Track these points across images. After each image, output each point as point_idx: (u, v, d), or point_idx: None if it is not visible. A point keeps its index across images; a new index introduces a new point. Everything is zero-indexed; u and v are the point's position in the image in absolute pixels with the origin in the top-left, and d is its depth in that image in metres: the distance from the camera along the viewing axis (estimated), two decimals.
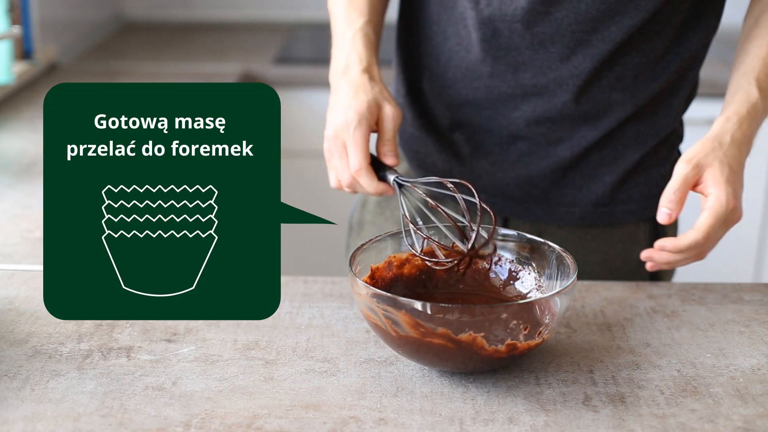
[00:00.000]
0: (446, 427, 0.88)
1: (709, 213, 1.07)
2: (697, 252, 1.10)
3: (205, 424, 0.87)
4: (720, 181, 1.08)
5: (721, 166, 1.09)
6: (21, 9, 2.31)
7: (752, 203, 2.49)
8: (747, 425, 0.88)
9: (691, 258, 1.11)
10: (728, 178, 1.09)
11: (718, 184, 1.08)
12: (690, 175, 1.09)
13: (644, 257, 1.13)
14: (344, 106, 1.13)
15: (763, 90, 1.15)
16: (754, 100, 1.14)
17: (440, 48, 1.28)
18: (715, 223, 1.07)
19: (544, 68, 1.22)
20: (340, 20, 1.25)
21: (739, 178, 1.11)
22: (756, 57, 1.17)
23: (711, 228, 1.07)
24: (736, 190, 1.09)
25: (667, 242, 1.10)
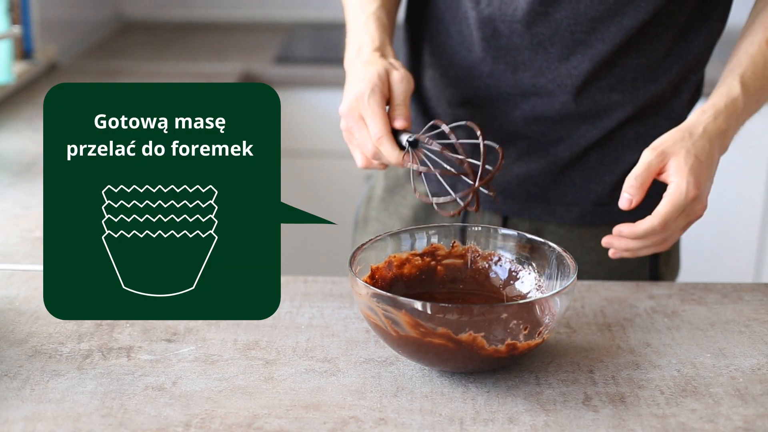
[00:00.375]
0: (446, 427, 0.88)
1: (667, 200, 1.06)
2: (657, 240, 1.08)
3: (205, 424, 0.87)
4: (683, 169, 1.07)
5: (687, 156, 1.07)
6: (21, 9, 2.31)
7: (752, 203, 2.49)
8: (747, 425, 0.88)
9: (651, 246, 1.09)
10: (692, 168, 1.07)
11: (680, 172, 1.06)
12: (654, 162, 1.08)
13: (605, 243, 1.12)
14: (357, 80, 1.12)
15: (746, 87, 1.14)
16: (734, 95, 1.13)
17: (443, 46, 1.28)
18: (673, 211, 1.06)
19: (543, 68, 1.22)
20: (353, 6, 1.25)
21: (705, 170, 1.09)
22: (745, 54, 1.16)
23: (668, 215, 1.06)
24: (700, 180, 1.07)
25: (624, 228, 1.08)
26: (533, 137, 1.26)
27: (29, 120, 1.98)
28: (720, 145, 1.12)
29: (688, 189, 1.06)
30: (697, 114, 1.12)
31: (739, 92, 1.13)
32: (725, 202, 2.50)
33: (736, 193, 2.49)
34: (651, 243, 1.09)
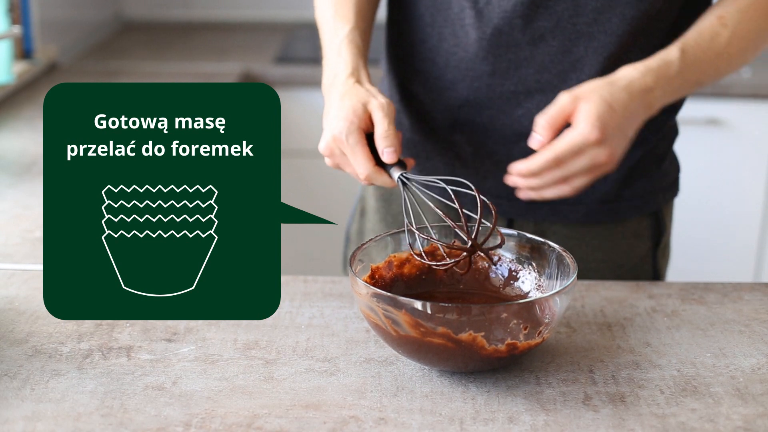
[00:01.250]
0: (446, 427, 0.88)
1: (565, 138, 1.04)
2: (556, 177, 1.05)
3: (205, 424, 0.87)
4: (590, 113, 1.04)
5: (600, 102, 1.05)
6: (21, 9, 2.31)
7: (752, 203, 2.49)
8: (747, 425, 0.88)
9: (552, 185, 1.06)
10: (601, 114, 1.04)
11: (587, 116, 1.04)
12: (567, 104, 1.06)
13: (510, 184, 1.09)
14: (333, 117, 1.11)
15: (685, 53, 1.12)
16: (670, 58, 1.12)
17: (436, 50, 1.27)
18: (568, 149, 1.03)
19: (546, 63, 1.21)
20: (326, 30, 1.23)
21: (617, 120, 1.06)
22: (696, 26, 1.16)
23: (561, 151, 1.03)
24: (608, 127, 1.05)
25: (520, 164, 1.06)
26: None
27: (29, 120, 1.98)
28: (642, 103, 1.09)
29: (590, 131, 1.03)
30: (626, 68, 1.11)
31: (676, 56, 1.12)
32: (725, 202, 2.50)
33: (736, 193, 2.49)
34: (550, 180, 1.06)
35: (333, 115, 1.10)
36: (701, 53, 1.13)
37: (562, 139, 1.04)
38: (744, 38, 1.15)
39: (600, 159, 1.05)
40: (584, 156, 1.05)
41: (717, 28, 1.14)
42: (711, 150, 2.45)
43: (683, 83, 1.13)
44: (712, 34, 1.14)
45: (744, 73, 2.45)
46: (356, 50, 1.18)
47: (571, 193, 1.07)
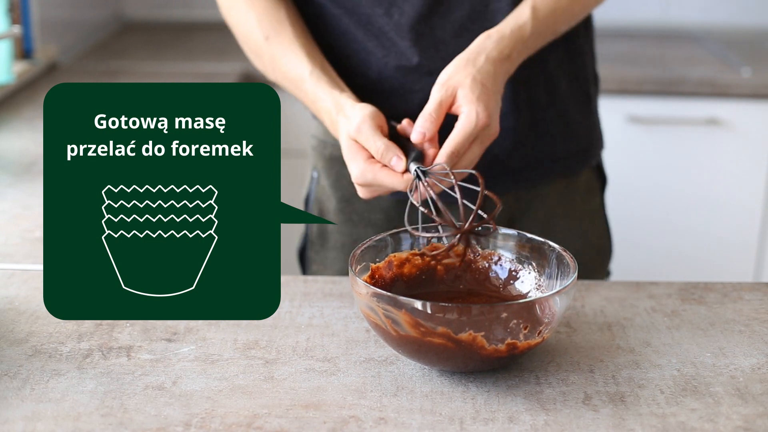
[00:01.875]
0: (446, 427, 0.88)
1: (458, 130, 1.07)
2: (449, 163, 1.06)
3: (205, 424, 0.87)
4: (471, 99, 1.08)
5: (474, 84, 1.09)
6: (21, 9, 2.31)
7: (752, 203, 2.49)
8: (747, 424, 0.88)
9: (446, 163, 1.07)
10: (480, 96, 1.08)
11: (469, 102, 1.07)
12: (444, 97, 1.09)
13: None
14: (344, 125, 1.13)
15: (536, 11, 1.15)
16: (522, 21, 1.15)
17: (367, 64, 1.26)
18: (464, 140, 1.07)
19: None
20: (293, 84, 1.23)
21: (492, 95, 1.10)
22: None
23: (459, 145, 1.06)
24: (489, 106, 1.08)
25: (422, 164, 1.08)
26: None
27: (29, 120, 1.98)
28: (504, 71, 1.13)
29: (478, 118, 1.07)
30: (481, 39, 1.14)
31: (528, 17, 1.15)
32: (725, 202, 2.50)
33: (736, 193, 2.49)
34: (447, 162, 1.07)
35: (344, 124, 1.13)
36: (553, 3, 1.17)
37: (458, 134, 1.06)
38: None
39: (490, 137, 1.10)
40: (478, 141, 1.08)
41: None
42: (711, 150, 2.46)
43: (538, 39, 1.17)
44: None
45: (744, 73, 2.45)
46: (328, 78, 1.19)
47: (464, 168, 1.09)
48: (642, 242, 2.52)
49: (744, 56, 2.60)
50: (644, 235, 2.52)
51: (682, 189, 2.49)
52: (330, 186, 1.38)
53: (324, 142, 1.39)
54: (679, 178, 2.49)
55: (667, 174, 2.48)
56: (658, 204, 2.50)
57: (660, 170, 2.48)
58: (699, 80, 2.42)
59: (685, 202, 2.50)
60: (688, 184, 2.49)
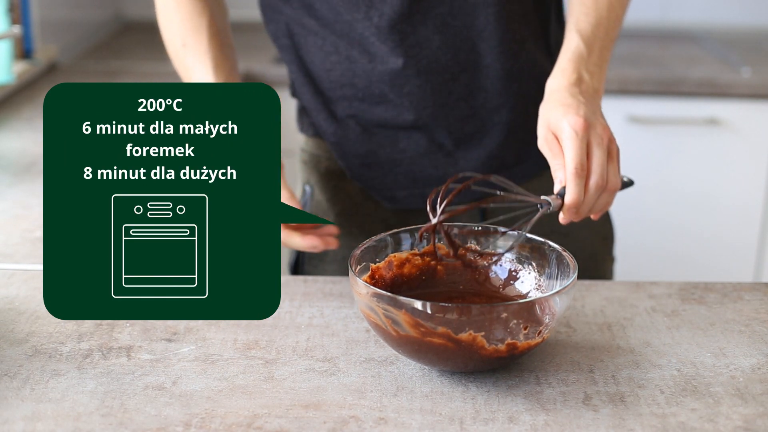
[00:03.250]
0: (446, 427, 0.88)
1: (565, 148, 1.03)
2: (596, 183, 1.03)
3: (205, 424, 0.87)
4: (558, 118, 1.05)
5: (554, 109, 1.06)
6: (21, 9, 2.31)
7: (752, 203, 2.49)
8: (747, 424, 0.88)
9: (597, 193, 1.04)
10: (564, 112, 1.05)
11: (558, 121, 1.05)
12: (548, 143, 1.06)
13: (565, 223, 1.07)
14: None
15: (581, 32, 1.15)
16: (573, 46, 1.14)
17: (353, 71, 1.26)
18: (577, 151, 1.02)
19: (458, 43, 1.23)
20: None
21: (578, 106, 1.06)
22: (577, 2, 1.19)
23: (576, 158, 1.02)
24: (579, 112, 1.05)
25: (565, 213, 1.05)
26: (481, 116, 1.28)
27: (29, 120, 1.98)
28: (582, 92, 1.10)
29: (572, 125, 1.03)
30: (548, 82, 1.13)
31: (577, 42, 1.14)
32: (725, 202, 2.50)
33: (736, 193, 2.49)
34: (593, 191, 1.03)
35: None
36: (594, 19, 1.16)
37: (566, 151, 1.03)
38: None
39: (604, 137, 1.04)
40: (593, 144, 1.04)
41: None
42: (711, 150, 2.46)
43: (600, 52, 1.15)
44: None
45: (744, 73, 2.45)
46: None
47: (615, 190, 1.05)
48: (642, 242, 2.51)
49: (744, 56, 2.60)
50: (644, 235, 2.52)
51: (682, 189, 2.49)
52: (327, 200, 1.37)
53: (317, 157, 1.38)
54: (679, 178, 2.49)
55: (667, 174, 2.48)
56: (658, 204, 2.50)
57: (660, 170, 2.48)
58: (699, 80, 2.42)
59: (685, 202, 2.50)
60: (688, 184, 2.49)
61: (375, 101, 1.28)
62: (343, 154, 1.33)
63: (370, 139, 1.31)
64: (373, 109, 1.28)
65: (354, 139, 1.32)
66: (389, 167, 1.32)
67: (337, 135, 1.32)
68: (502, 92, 1.27)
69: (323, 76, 1.30)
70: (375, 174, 1.33)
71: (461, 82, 1.26)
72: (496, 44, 1.25)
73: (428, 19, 1.23)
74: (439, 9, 1.23)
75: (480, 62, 1.26)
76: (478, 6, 1.23)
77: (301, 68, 1.32)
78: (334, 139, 1.33)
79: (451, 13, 1.23)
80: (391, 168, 1.32)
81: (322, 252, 1.36)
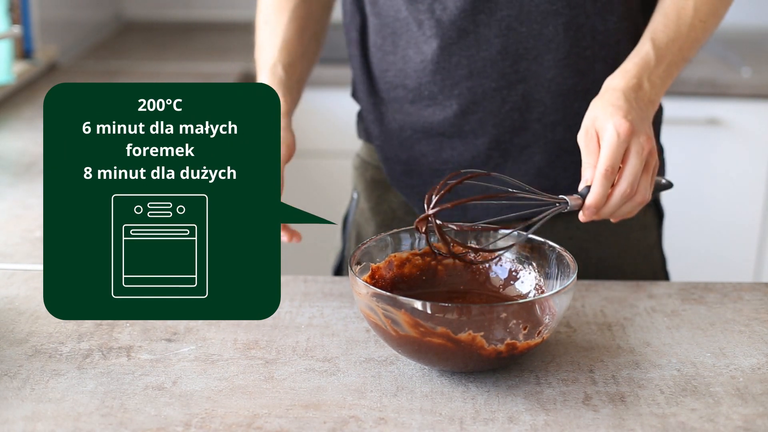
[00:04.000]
0: (446, 427, 0.88)
1: (603, 148, 1.03)
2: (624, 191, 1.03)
3: (205, 424, 0.87)
4: (605, 117, 1.04)
5: (603, 108, 1.06)
6: (21, 9, 2.31)
7: (752, 203, 2.49)
8: (747, 424, 0.88)
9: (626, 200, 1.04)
10: (613, 113, 1.04)
11: (605, 121, 1.04)
12: (587, 139, 1.06)
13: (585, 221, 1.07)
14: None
15: (656, 41, 1.13)
16: (643, 52, 1.13)
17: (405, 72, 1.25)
18: (613, 155, 1.02)
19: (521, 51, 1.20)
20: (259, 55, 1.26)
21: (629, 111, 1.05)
22: (659, 10, 1.17)
23: (609, 161, 1.02)
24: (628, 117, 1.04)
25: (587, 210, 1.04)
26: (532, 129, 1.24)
27: (29, 120, 1.98)
28: (638, 98, 1.09)
29: (617, 128, 1.03)
30: (607, 80, 1.12)
31: (648, 49, 1.13)
32: (725, 202, 2.50)
33: (736, 193, 2.49)
34: (618, 198, 1.03)
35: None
36: (672, 33, 1.14)
37: (603, 151, 1.03)
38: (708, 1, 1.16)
39: (646, 147, 1.04)
40: (632, 151, 1.03)
41: (679, 2, 1.15)
42: (711, 150, 2.46)
43: (668, 67, 1.14)
44: (677, 10, 1.15)
45: (744, 73, 2.45)
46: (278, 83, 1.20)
47: (644, 200, 1.05)
48: None
49: (744, 56, 2.60)
50: None
51: (682, 189, 2.49)
52: (370, 209, 1.36)
53: (366, 163, 1.36)
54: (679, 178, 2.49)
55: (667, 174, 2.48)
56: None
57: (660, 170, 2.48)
58: (699, 80, 2.42)
59: (685, 202, 2.50)
60: (688, 184, 2.49)
61: (424, 103, 1.24)
62: (386, 159, 1.30)
63: (413, 146, 1.28)
64: (421, 112, 1.25)
65: (398, 145, 1.29)
66: (430, 176, 1.28)
67: (381, 138, 1.30)
68: (560, 109, 1.23)
69: (380, 77, 1.28)
70: (415, 182, 1.29)
71: (518, 91, 1.21)
72: (563, 57, 1.20)
73: (492, 21, 1.19)
74: (507, 11, 1.18)
75: (542, 74, 1.21)
76: (548, 15, 1.18)
77: (363, 67, 1.30)
78: (379, 143, 1.31)
79: (519, 18, 1.18)
80: (432, 178, 1.27)
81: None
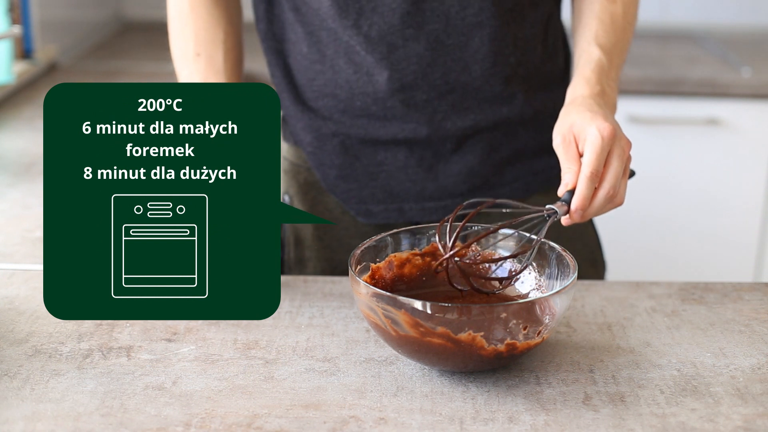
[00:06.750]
0: (446, 427, 0.88)
1: (587, 152, 1.03)
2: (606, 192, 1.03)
3: (205, 424, 0.87)
4: (586, 121, 1.05)
5: (581, 112, 1.07)
6: (21, 9, 2.31)
7: (752, 203, 2.49)
8: (747, 424, 0.88)
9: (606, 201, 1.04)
10: (592, 117, 1.05)
11: (586, 125, 1.05)
12: (564, 144, 1.06)
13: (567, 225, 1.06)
14: None
15: (603, 46, 1.17)
16: (595, 57, 1.16)
17: (335, 81, 1.25)
18: (598, 158, 1.02)
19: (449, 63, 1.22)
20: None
21: (605, 114, 1.07)
22: (591, 15, 1.20)
23: (594, 164, 1.02)
24: (607, 119, 1.05)
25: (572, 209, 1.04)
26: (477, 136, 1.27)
27: (29, 120, 1.98)
28: (605, 104, 1.12)
29: (600, 131, 1.03)
30: (570, 91, 1.15)
31: (600, 55, 1.16)
32: (725, 202, 2.50)
33: (736, 193, 2.49)
34: (602, 200, 1.03)
35: None
36: (613, 37, 1.19)
37: (587, 154, 1.03)
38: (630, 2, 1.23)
39: (626, 148, 1.05)
40: (614, 154, 1.04)
41: (609, 7, 1.20)
42: (711, 150, 2.46)
43: (617, 70, 1.19)
44: (610, 14, 1.20)
45: (744, 73, 2.45)
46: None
47: (620, 203, 1.06)
48: (642, 242, 2.51)
49: (744, 56, 2.60)
50: (644, 234, 2.52)
51: (682, 189, 2.49)
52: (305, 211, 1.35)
53: (297, 166, 1.35)
54: (679, 178, 2.49)
55: (667, 174, 2.48)
56: (658, 204, 2.50)
57: (660, 170, 2.48)
58: (699, 80, 2.42)
59: (685, 202, 2.50)
60: (688, 184, 2.49)
61: (356, 114, 1.25)
62: (319, 165, 1.30)
63: (347, 151, 1.28)
64: (354, 122, 1.26)
65: (331, 150, 1.29)
66: (366, 180, 1.29)
67: (314, 145, 1.30)
68: (490, 115, 1.25)
69: (306, 85, 1.28)
70: (351, 186, 1.29)
71: (448, 101, 1.23)
72: (490, 66, 1.23)
73: (421, 35, 1.20)
74: (434, 25, 1.20)
75: (471, 84, 1.23)
76: (474, 27, 1.21)
77: (285, 74, 1.31)
78: (311, 149, 1.30)
79: (446, 31, 1.21)
80: (367, 182, 1.28)
81: (301, 265, 1.35)
